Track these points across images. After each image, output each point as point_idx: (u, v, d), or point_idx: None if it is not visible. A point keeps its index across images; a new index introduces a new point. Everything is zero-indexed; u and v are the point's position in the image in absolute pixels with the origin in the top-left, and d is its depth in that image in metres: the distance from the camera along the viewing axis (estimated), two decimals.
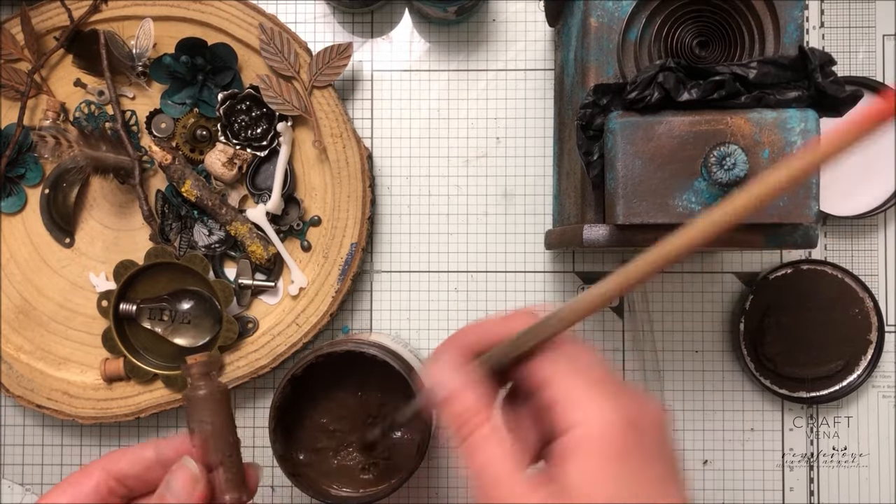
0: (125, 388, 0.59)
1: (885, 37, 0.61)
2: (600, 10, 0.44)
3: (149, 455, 0.37)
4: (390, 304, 0.62)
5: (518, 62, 0.62)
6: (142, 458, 0.37)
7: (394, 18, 0.63)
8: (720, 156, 0.39)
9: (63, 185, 0.61)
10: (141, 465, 0.37)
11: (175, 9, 0.59)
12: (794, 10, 0.43)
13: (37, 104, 0.61)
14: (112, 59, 0.59)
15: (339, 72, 0.59)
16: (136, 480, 0.37)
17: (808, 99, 0.41)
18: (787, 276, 0.58)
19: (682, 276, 0.61)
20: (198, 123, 0.60)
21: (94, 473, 0.37)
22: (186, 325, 0.59)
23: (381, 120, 0.62)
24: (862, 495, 0.60)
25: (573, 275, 0.61)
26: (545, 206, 0.62)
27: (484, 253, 0.62)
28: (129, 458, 0.37)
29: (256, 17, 0.59)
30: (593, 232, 0.44)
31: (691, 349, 0.61)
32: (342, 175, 0.59)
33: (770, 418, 0.61)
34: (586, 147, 0.44)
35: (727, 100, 0.41)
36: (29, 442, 0.63)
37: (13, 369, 0.60)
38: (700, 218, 0.27)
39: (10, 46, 0.60)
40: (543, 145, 0.62)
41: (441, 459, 0.61)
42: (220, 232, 0.60)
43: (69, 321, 0.61)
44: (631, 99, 0.41)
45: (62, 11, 0.59)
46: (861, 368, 0.58)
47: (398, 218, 0.62)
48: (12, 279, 0.62)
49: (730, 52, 0.44)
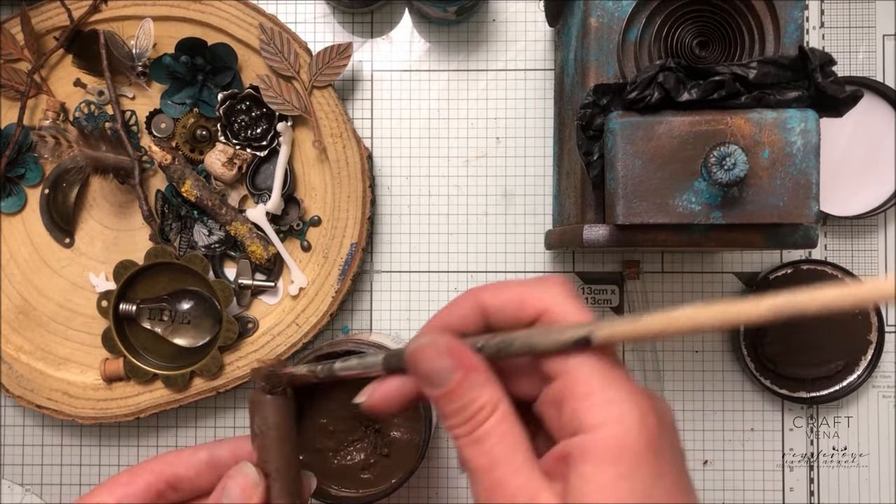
0: (125, 389, 0.59)
1: (885, 37, 0.61)
2: (600, 10, 0.44)
3: (202, 458, 0.35)
4: (390, 304, 0.62)
5: (518, 62, 0.62)
6: (195, 460, 0.35)
7: (394, 18, 0.63)
8: (720, 156, 0.39)
9: (63, 185, 0.61)
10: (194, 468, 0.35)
11: (175, 9, 0.59)
12: (794, 10, 0.43)
13: (37, 104, 0.61)
14: (112, 59, 0.59)
15: (339, 72, 0.59)
16: (187, 483, 0.35)
17: (808, 99, 0.41)
18: (787, 276, 0.58)
19: (682, 276, 0.61)
20: (198, 123, 0.60)
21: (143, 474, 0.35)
22: (186, 326, 0.59)
23: (381, 120, 0.62)
24: (862, 495, 0.60)
25: (573, 275, 0.61)
26: (545, 206, 0.62)
27: (484, 253, 0.62)
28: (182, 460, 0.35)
29: (256, 17, 0.59)
30: (593, 232, 0.44)
31: (691, 349, 0.61)
32: (342, 175, 0.59)
33: (770, 418, 0.61)
34: (586, 147, 0.44)
35: (727, 100, 0.41)
36: (29, 442, 0.63)
37: (13, 369, 0.60)
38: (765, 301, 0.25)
39: (10, 46, 0.60)
40: (543, 145, 0.62)
41: (441, 459, 0.61)
42: (220, 232, 0.60)
43: (69, 321, 0.61)
44: (631, 99, 0.41)
45: (62, 11, 0.59)
46: (861, 368, 0.58)
47: (398, 218, 0.62)
48: (12, 279, 0.62)
49: (730, 52, 0.44)
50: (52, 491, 0.62)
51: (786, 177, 0.40)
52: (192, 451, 0.36)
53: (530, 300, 0.30)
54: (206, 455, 0.36)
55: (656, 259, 0.61)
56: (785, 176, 0.40)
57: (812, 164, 0.40)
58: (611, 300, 0.61)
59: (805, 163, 0.40)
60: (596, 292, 0.61)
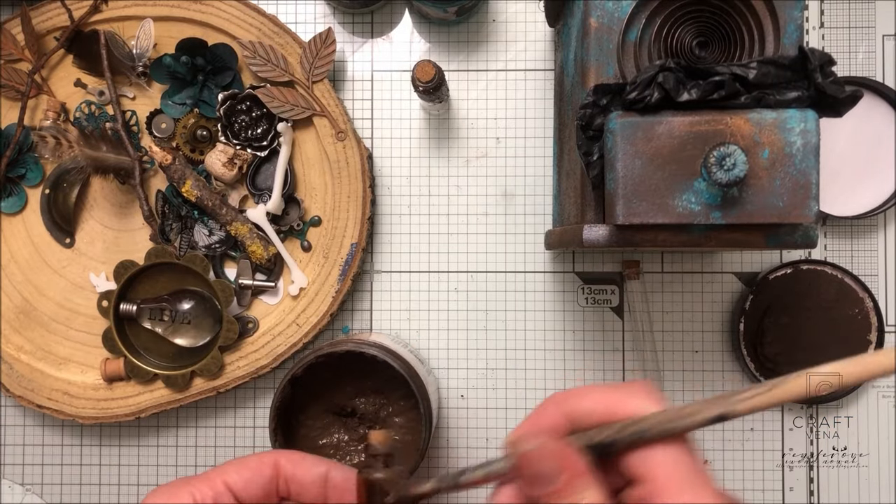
0: (125, 388, 0.59)
1: (885, 37, 0.61)
2: (600, 11, 0.44)
3: (321, 471, 0.37)
4: (390, 304, 0.62)
5: (518, 62, 0.62)
6: (314, 472, 0.37)
7: (394, 18, 0.63)
8: (720, 156, 0.39)
9: (63, 185, 0.61)
10: (310, 477, 0.36)
11: (175, 9, 0.59)
12: (794, 10, 0.43)
13: (37, 104, 0.61)
14: (112, 60, 0.59)
15: (330, 60, 0.58)
16: (296, 487, 0.37)
17: (807, 99, 0.41)
18: (787, 276, 0.58)
19: (682, 276, 0.61)
20: (198, 124, 0.60)
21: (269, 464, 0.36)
22: (186, 325, 0.59)
23: (381, 120, 0.62)
24: (862, 495, 0.60)
25: (573, 275, 0.61)
26: (545, 206, 0.62)
27: (484, 253, 0.62)
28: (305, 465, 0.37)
29: (256, 17, 0.59)
30: (593, 232, 0.44)
31: (691, 349, 0.61)
32: (342, 175, 0.59)
33: (770, 418, 0.61)
34: (586, 147, 0.44)
35: (727, 100, 0.41)
36: (29, 442, 0.63)
37: (14, 369, 0.60)
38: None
39: (11, 46, 0.60)
40: (543, 145, 0.62)
41: (441, 459, 0.61)
42: (220, 232, 0.60)
43: (70, 321, 0.61)
44: (631, 99, 0.41)
45: (62, 11, 0.59)
46: None
47: (398, 218, 0.62)
48: (13, 279, 0.62)
49: (730, 52, 0.44)
50: (52, 491, 0.62)
51: (785, 177, 0.40)
52: (313, 461, 0.37)
53: (620, 407, 0.31)
54: (325, 471, 0.37)
55: (656, 259, 0.61)
56: (784, 176, 0.40)
57: (812, 164, 0.40)
58: (611, 300, 0.61)
59: (805, 163, 0.40)
60: (596, 292, 0.61)
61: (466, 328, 0.61)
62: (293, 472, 0.36)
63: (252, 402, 0.62)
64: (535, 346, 0.61)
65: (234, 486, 0.35)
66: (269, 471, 0.36)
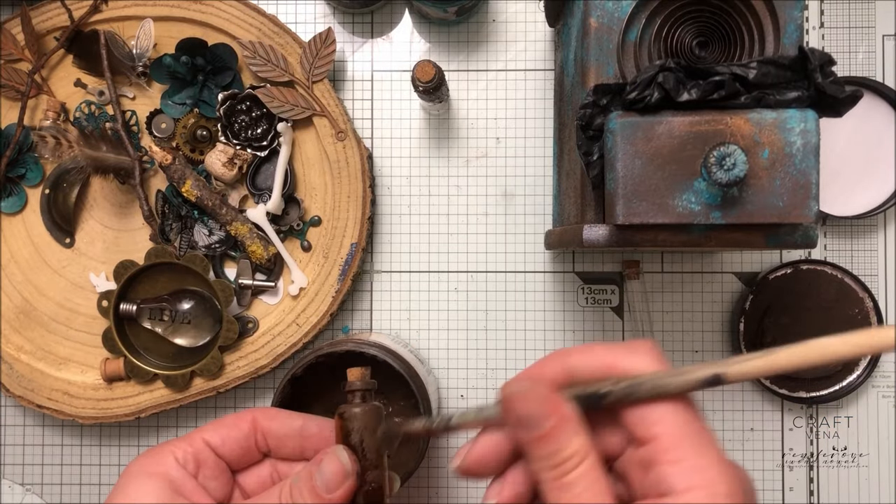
0: (125, 388, 0.59)
1: (885, 37, 0.61)
2: (600, 11, 0.44)
3: (296, 425, 0.38)
4: (390, 304, 0.62)
5: (518, 62, 0.62)
6: (290, 425, 0.38)
7: (394, 18, 0.63)
8: (720, 156, 0.39)
9: (63, 185, 0.61)
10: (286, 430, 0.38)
11: (175, 9, 0.59)
12: (793, 10, 0.43)
13: (37, 104, 0.61)
14: (112, 60, 0.59)
15: (330, 60, 0.59)
16: (274, 441, 0.38)
17: (807, 99, 0.41)
18: (787, 276, 0.58)
19: (682, 276, 0.61)
20: (198, 124, 0.60)
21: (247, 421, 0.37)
22: (186, 325, 0.59)
23: (381, 120, 0.62)
24: (862, 495, 0.60)
25: (573, 275, 0.61)
26: (545, 206, 0.62)
27: (484, 253, 0.62)
28: (280, 420, 0.38)
29: (256, 18, 0.59)
30: (593, 232, 0.44)
31: (691, 349, 0.61)
32: (342, 175, 0.59)
33: (770, 418, 0.61)
34: (586, 147, 0.44)
35: (727, 100, 0.41)
36: (29, 442, 0.63)
37: (14, 369, 0.60)
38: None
39: (11, 46, 0.60)
40: (543, 145, 0.62)
41: (441, 459, 0.61)
42: (220, 232, 0.60)
43: (70, 321, 0.61)
44: (631, 99, 0.41)
45: (62, 11, 0.59)
46: (861, 368, 0.59)
47: (398, 218, 0.62)
48: (13, 279, 0.62)
49: (730, 52, 0.44)
50: (52, 491, 0.62)
51: (785, 177, 0.40)
52: (288, 415, 0.38)
53: (620, 365, 0.31)
54: (300, 424, 0.38)
55: (656, 259, 0.61)
56: (784, 176, 0.40)
57: (812, 164, 0.40)
58: (611, 300, 0.61)
59: (805, 163, 0.40)
60: (596, 292, 0.61)
61: (466, 328, 0.61)
62: (269, 426, 0.37)
63: (252, 402, 0.62)
64: (535, 347, 0.61)
65: (212, 442, 0.37)
66: (247, 426, 0.37)
